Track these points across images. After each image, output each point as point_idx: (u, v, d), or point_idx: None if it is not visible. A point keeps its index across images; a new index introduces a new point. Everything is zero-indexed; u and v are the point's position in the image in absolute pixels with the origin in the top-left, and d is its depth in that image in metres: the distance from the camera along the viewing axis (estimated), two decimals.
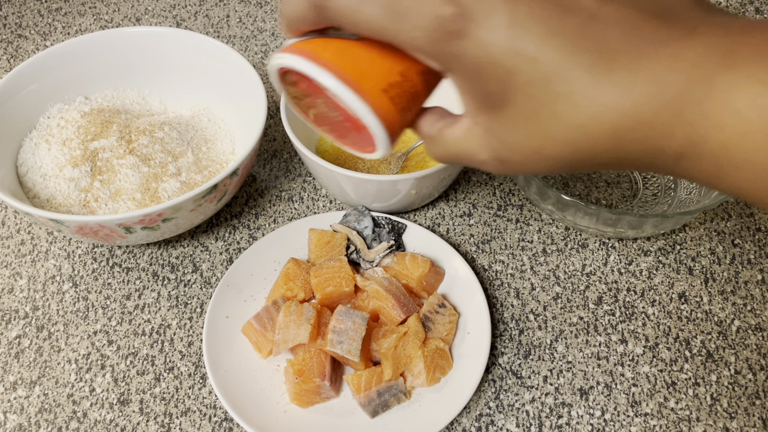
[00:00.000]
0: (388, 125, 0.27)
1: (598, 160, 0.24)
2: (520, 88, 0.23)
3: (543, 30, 0.22)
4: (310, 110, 0.31)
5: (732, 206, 0.60)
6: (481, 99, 0.25)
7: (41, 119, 0.59)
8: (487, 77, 0.24)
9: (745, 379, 0.49)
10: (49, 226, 0.48)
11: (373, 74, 0.27)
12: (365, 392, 0.45)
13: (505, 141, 0.26)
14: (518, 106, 0.24)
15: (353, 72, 0.26)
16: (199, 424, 0.47)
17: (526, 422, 0.47)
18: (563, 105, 0.23)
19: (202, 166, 0.58)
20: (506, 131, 0.26)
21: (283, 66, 0.28)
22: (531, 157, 0.26)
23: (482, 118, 0.26)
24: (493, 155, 0.27)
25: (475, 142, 0.28)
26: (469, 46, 0.23)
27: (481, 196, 0.62)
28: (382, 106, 0.27)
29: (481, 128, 0.27)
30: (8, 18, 0.82)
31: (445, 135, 0.29)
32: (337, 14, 0.25)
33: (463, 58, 0.24)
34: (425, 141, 0.31)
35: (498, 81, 0.24)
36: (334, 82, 0.26)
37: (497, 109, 0.25)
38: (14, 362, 0.51)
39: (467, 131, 0.28)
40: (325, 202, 0.61)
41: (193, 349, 0.51)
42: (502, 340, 0.52)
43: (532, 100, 0.24)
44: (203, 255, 0.57)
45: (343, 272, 0.51)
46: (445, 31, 0.23)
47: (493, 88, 0.24)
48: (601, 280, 0.55)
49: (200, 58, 0.62)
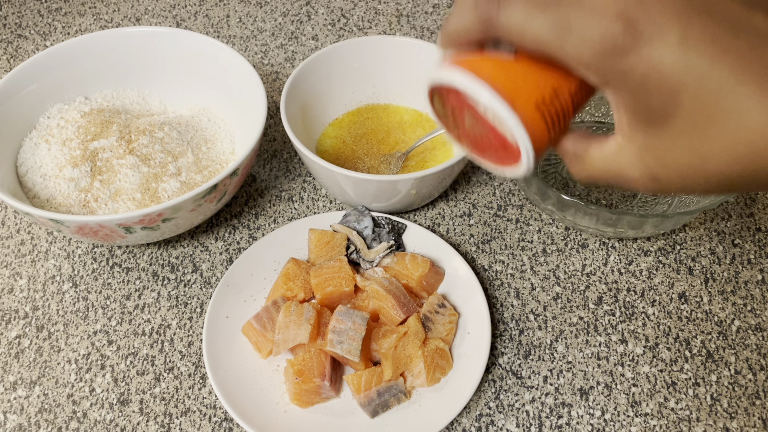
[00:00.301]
0: (535, 141, 0.28)
1: (760, 180, 0.24)
2: (687, 105, 0.24)
3: (714, 49, 0.23)
4: (455, 125, 0.31)
5: (732, 206, 0.60)
6: (640, 115, 0.26)
7: (41, 119, 0.59)
8: (651, 94, 0.24)
9: (745, 379, 0.49)
10: (49, 226, 0.48)
11: (527, 90, 0.27)
12: (365, 392, 0.45)
13: (662, 158, 0.26)
14: (682, 121, 0.24)
15: (508, 89, 0.27)
16: (199, 424, 0.47)
17: (526, 422, 0.47)
18: (732, 122, 0.23)
19: (202, 166, 0.58)
20: (665, 147, 0.26)
21: (440, 83, 0.28)
22: (689, 173, 0.26)
23: (639, 135, 0.26)
24: (647, 172, 0.27)
25: (627, 159, 0.28)
26: (636, 62, 0.24)
27: (481, 196, 0.62)
28: (533, 122, 0.27)
29: (636, 145, 0.27)
30: (8, 18, 0.82)
31: (592, 153, 0.29)
32: (506, 29, 0.26)
33: (629, 75, 0.24)
34: (568, 160, 0.31)
35: (663, 97, 0.24)
36: (489, 97, 0.27)
37: (657, 126, 0.25)
38: (14, 362, 0.51)
39: (619, 148, 0.28)
40: (325, 202, 0.61)
41: (193, 349, 0.51)
42: (502, 340, 0.52)
43: (699, 116, 0.24)
44: (203, 255, 0.57)
45: (343, 272, 0.51)
46: (613, 47, 0.24)
47: (656, 104, 0.24)
48: (601, 280, 0.55)
49: (200, 58, 0.62)
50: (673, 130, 0.25)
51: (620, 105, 0.26)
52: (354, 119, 0.65)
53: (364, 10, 0.82)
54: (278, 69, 0.74)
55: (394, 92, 0.66)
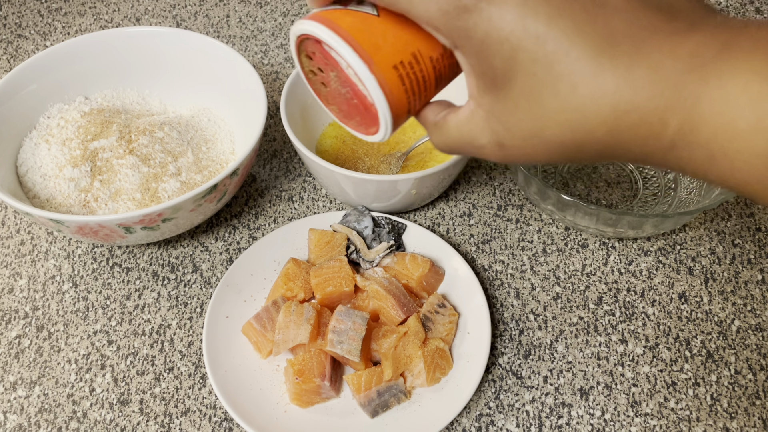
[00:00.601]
0: (393, 103, 0.28)
1: (594, 147, 0.25)
2: (524, 66, 0.24)
3: (551, 10, 0.23)
4: (322, 86, 0.32)
5: (732, 206, 0.60)
6: (485, 78, 0.26)
7: (41, 119, 0.59)
8: (493, 54, 0.25)
9: (745, 379, 0.49)
10: (49, 226, 0.48)
11: (386, 49, 0.27)
12: (365, 392, 0.45)
13: (506, 122, 0.26)
14: (520, 84, 0.25)
15: (367, 43, 0.27)
16: (199, 424, 0.47)
17: (526, 422, 0.47)
18: (564, 85, 0.23)
19: (202, 166, 0.58)
20: (508, 112, 0.26)
21: (303, 32, 0.29)
22: (530, 141, 0.26)
23: (486, 99, 0.27)
24: (494, 138, 0.27)
25: (477, 125, 0.28)
26: (479, 21, 0.24)
27: (481, 196, 0.62)
28: (389, 82, 0.27)
29: (484, 110, 0.27)
30: (8, 18, 0.82)
31: (448, 120, 0.30)
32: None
33: (472, 33, 0.25)
34: (429, 130, 0.31)
35: (504, 58, 0.24)
36: (346, 50, 0.27)
37: (500, 89, 0.26)
38: (14, 362, 0.51)
39: (470, 114, 0.28)
40: (325, 202, 0.61)
41: (193, 349, 0.51)
42: (502, 340, 0.52)
43: (535, 79, 0.24)
44: (203, 255, 0.57)
45: (343, 272, 0.51)
46: (457, 6, 0.24)
47: (498, 65, 0.25)
48: (601, 280, 0.55)
49: (200, 58, 0.62)
50: (514, 93, 0.25)
51: (468, 68, 0.27)
52: None
53: None
54: (278, 69, 0.74)
55: None
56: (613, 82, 0.23)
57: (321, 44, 0.28)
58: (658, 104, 0.22)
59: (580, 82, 0.23)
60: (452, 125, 0.29)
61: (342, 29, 0.27)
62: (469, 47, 0.26)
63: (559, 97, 0.24)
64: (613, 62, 0.23)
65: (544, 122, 0.25)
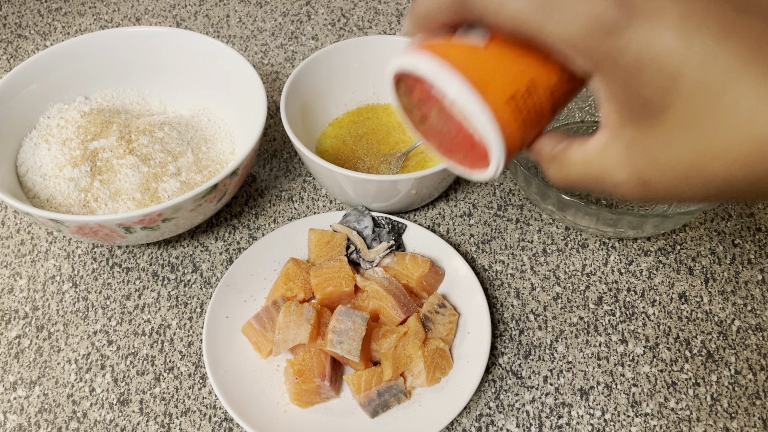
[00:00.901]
0: (505, 140, 0.25)
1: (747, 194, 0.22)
2: (686, 94, 0.21)
3: (718, 29, 0.20)
4: (421, 121, 0.29)
5: (732, 206, 0.60)
6: (632, 106, 0.23)
7: (41, 119, 0.59)
8: (646, 80, 0.21)
9: (745, 380, 0.49)
10: (49, 226, 0.48)
11: (498, 83, 0.24)
12: (365, 392, 0.45)
13: (655, 157, 0.23)
14: (679, 114, 0.21)
15: (476, 79, 0.24)
16: (199, 424, 0.47)
17: (526, 422, 0.47)
18: (739, 115, 0.20)
19: (202, 166, 0.58)
20: (659, 145, 0.22)
21: (402, 69, 0.26)
22: (687, 176, 0.22)
23: (629, 130, 0.23)
24: (636, 174, 0.24)
25: (613, 159, 0.24)
26: (629, 43, 0.21)
27: (481, 196, 0.62)
28: (502, 119, 0.25)
29: (624, 143, 0.24)
30: (8, 18, 0.82)
31: (571, 154, 0.26)
32: (481, 6, 0.23)
33: (620, 57, 0.21)
34: (544, 164, 0.28)
35: (658, 85, 0.21)
36: (454, 88, 0.24)
37: (650, 119, 0.22)
38: (14, 362, 0.51)
39: (603, 147, 0.24)
40: (325, 202, 0.61)
41: (193, 349, 0.51)
42: (502, 340, 0.52)
43: (699, 109, 0.21)
44: (203, 255, 0.57)
45: (343, 272, 0.51)
46: (602, 25, 0.21)
47: (651, 93, 0.21)
48: (602, 280, 0.55)
49: (200, 58, 0.62)
50: (669, 124, 0.22)
51: (609, 95, 0.23)
52: (354, 119, 0.65)
53: (364, 10, 0.82)
54: (278, 69, 0.74)
55: None
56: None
57: (422, 80, 0.26)
58: None
59: (758, 112, 0.20)
60: (577, 159, 0.26)
61: (447, 66, 0.24)
62: (614, 73, 0.22)
63: (731, 129, 0.20)
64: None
65: (709, 157, 0.21)
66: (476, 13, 0.23)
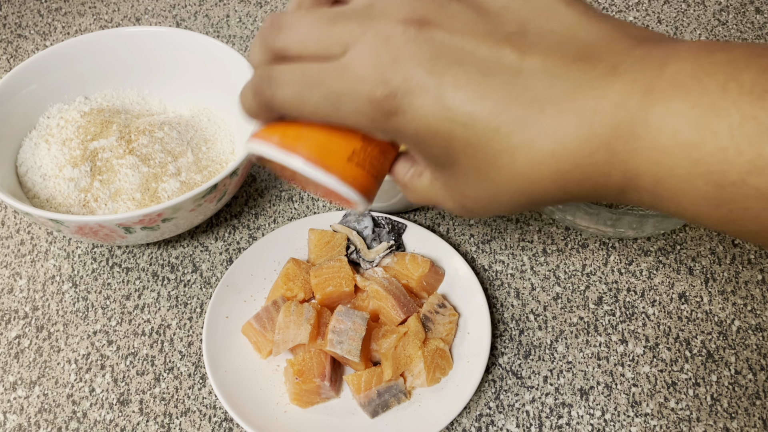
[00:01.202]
0: (359, 187, 0.29)
1: (551, 200, 0.26)
2: (462, 151, 0.25)
3: (470, 96, 0.23)
4: (292, 179, 0.33)
5: None
6: (431, 161, 0.27)
7: (41, 119, 0.59)
8: (429, 145, 0.26)
9: (745, 380, 0.49)
10: (49, 226, 0.48)
11: (335, 148, 0.28)
12: (365, 392, 0.45)
13: (463, 193, 0.28)
14: (464, 165, 0.26)
15: (316, 151, 0.28)
16: (199, 424, 0.47)
17: (526, 422, 0.47)
18: (504, 159, 0.24)
19: (201, 166, 0.58)
20: (461, 186, 0.27)
21: (254, 153, 0.30)
22: (489, 204, 0.27)
23: (438, 175, 0.28)
24: (457, 204, 0.29)
25: (439, 193, 0.30)
26: (405, 121, 0.25)
27: None
28: (349, 174, 0.29)
29: (440, 183, 0.29)
30: (8, 18, 0.82)
31: (414, 184, 0.31)
32: (283, 108, 0.27)
33: (404, 132, 0.25)
34: (401, 187, 0.32)
35: (440, 147, 0.25)
36: (301, 164, 0.28)
37: (448, 168, 0.27)
38: (14, 362, 0.51)
39: (430, 183, 0.30)
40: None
41: (193, 349, 0.51)
42: (502, 340, 0.52)
43: (475, 159, 0.25)
44: (203, 255, 0.57)
45: (343, 272, 0.51)
46: (381, 111, 0.25)
47: (438, 153, 0.26)
48: (602, 280, 0.55)
49: (200, 58, 0.62)
50: (460, 172, 0.26)
51: (414, 153, 0.28)
52: None
53: None
54: None
55: None
56: (549, 147, 0.23)
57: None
58: (597, 160, 0.23)
59: (517, 154, 0.24)
60: (419, 188, 0.31)
61: (289, 145, 0.28)
62: (406, 142, 0.26)
63: (503, 171, 0.25)
64: (544, 127, 0.23)
65: (497, 191, 0.26)
66: (284, 111, 0.28)
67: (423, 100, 0.24)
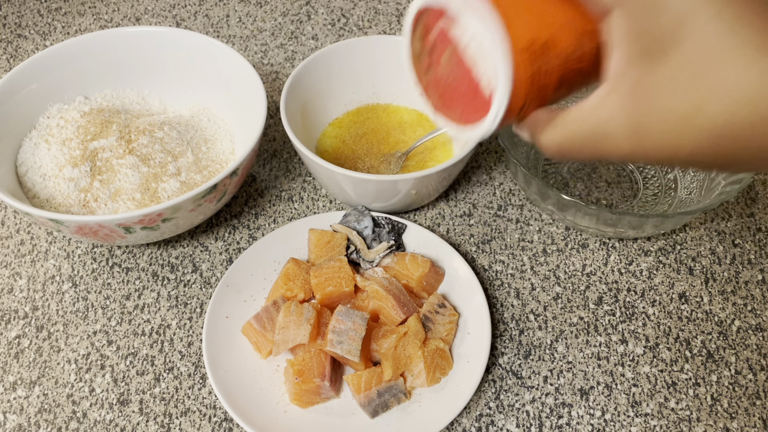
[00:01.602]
0: (513, 84, 0.25)
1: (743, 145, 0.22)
2: (698, 27, 0.21)
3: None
4: (428, 71, 0.28)
5: (732, 206, 0.60)
6: (643, 41, 0.23)
7: (41, 119, 0.59)
8: (660, 12, 0.22)
9: (745, 380, 0.49)
10: (49, 226, 0.48)
11: (521, 23, 0.24)
12: (365, 392, 0.45)
13: (654, 100, 0.23)
14: (688, 49, 0.21)
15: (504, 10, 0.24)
16: (199, 424, 0.47)
17: (527, 422, 0.47)
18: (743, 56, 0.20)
19: (201, 166, 0.58)
20: (661, 85, 0.23)
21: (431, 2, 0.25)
22: (679, 126, 0.22)
23: (633, 71, 0.23)
24: (630, 123, 0.24)
25: (609, 109, 0.24)
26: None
27: (481, 196, 0.61)
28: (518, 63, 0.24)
29: (627, 86, 0.24)
30: (8, 18, 0.82)
31: (567, 113, 0.26)
32: None
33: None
34: (539, 130, 0.28)
35: (672, 20, 0.22)
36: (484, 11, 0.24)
37: (658, 56, 0.22)
38: (14, 362, 0.51)
39: (603, 97, 0.25)
40: (325, 202, 0.61)
41: (193, 349, 0.51)
42: (502, 340, 0.52)
43: (708, 43, 0.21)
44: (203, 255, 0.57)
45: (343, 272, 0.51)
46: None
47: (666, 23, 0.22)
48: (602, 280, 0.55)
49: (200, 58, 0.62)
50: (675, 61, 0.22)
51: (624, 29, 0.23)
52: (354, 119, 0.65)
53: (364, 10, 0.82)
54: (278, 69, 0.74)
55: (394, 92, 0.66)
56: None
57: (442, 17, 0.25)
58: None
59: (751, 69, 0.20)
60: (572, 118, 0.26)
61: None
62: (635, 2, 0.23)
63: (736, 67, 0.20)
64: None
65: (708, 99, 0.21)
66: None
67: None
